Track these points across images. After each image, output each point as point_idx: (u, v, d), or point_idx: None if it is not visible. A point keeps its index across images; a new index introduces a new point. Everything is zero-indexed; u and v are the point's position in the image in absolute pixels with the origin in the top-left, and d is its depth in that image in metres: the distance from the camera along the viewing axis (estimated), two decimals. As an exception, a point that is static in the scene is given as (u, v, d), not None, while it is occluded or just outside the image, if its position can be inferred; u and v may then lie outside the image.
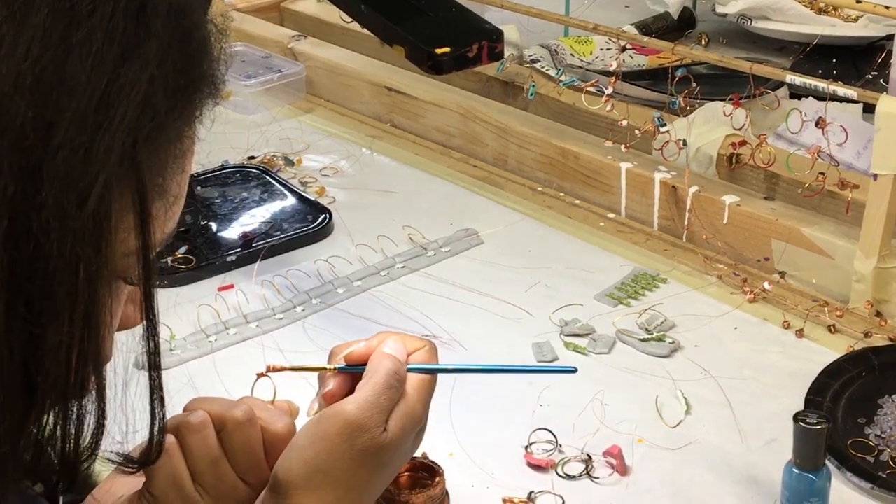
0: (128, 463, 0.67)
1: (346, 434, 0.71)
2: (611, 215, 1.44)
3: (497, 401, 1.10)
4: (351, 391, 0.75)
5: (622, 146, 1.41)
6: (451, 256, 1.36)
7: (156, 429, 0.63)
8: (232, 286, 1.30)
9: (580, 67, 1.70)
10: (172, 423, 0.74)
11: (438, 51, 0.95)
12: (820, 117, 1.22)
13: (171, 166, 0.57)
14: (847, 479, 0.98)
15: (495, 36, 0.98)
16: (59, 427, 0.56)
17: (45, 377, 0.53)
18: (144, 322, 0.60)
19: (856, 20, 1.77)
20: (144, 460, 0.67)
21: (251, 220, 1.44)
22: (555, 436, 1.04)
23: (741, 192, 1.35)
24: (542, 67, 1.66)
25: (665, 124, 1.39)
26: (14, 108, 0.49)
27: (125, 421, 0.61)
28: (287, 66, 1.80)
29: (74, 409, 0.56)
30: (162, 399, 0.62)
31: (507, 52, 1.66)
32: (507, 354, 1.17)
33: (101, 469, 0.78)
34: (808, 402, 1.06)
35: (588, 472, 1.00)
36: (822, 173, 1.25)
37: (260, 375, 0.80)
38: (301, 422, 0.77)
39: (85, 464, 0.58)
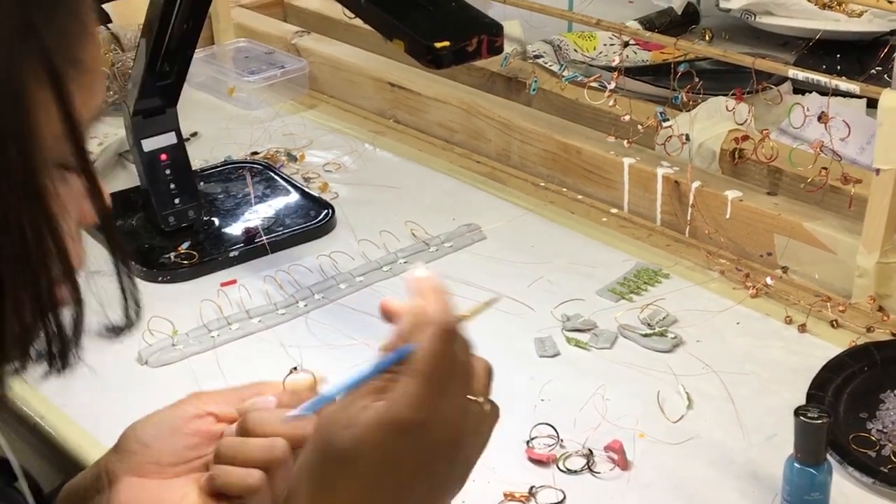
0: (112, 331, 0.66)
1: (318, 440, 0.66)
2: (613, 210, 1.44)
3: (498, 395, 1.09)
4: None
5: (625, 141, 1.41)
6: (453, 252, 1.36)
7: (126, 288, 0.62)
8: (234, 281, 1.30)
9: (583, 63, 1.69)
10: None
11: (438, 45, 0.95)
12: (823, 112, 1.22)
13: (73, 29, 0.55)
14: (849, 473, 0.98)
15: (495, 30, 0.98)
16: (38, 313, 0.55)
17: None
18: (87, 188, 0.57)
19: (860, 15, 1.77)
20: (128, 324, 0.65)
21: (254, 215, 1.44)
22: (556, 430, 1.04)
23: (744, 187, 1.35)
24: (545, 63, 1.66)
25: (668, 119, 1.39)
26: None
27: (100, 294, 0.60)
28: (290, 62, 1.80)
29: (45, 289, 0.55)
30: (125, 259, 0.61)
31: (511, 47, 1.66)
32: (509, 349, 1.17)
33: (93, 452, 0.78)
34: (809, 396, 1.06)
35: (589, 467, 1.00)
36: (825, 168, 1.25)
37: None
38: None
39: (73, 343, 0.57)
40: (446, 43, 0.95)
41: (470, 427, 0.67)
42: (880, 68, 1.56)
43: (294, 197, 1.48)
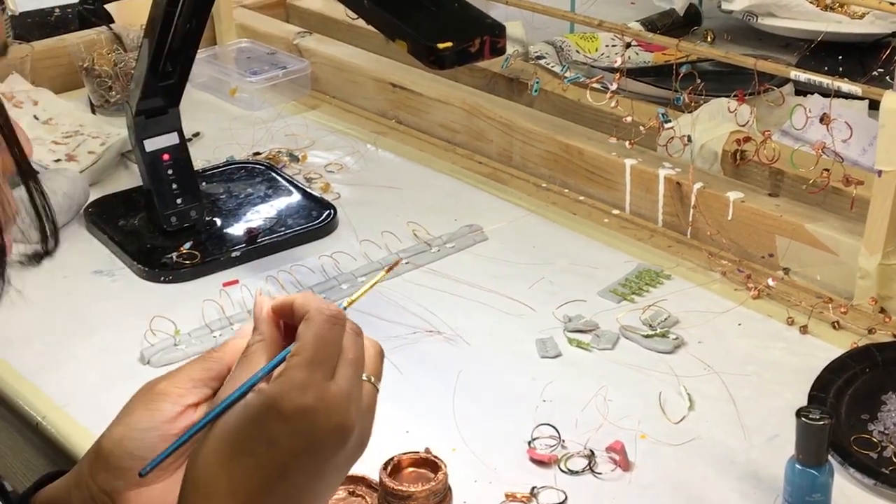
0: (33, 258, 0.65)
1: None
2: (615, 211, 1.44)
3: (500, 396, 1.10)
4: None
5: (627, 143, 1.41)
6: (455, 252, 1.36)
7: (45, 221, 0.62)
8: (236, 281, 1.30)
9: (585, 64, 1.70)
10: None
11: (440, 45, 0.95)
12: (825, 114, 1.22)
13: None
14: (850, 475, 0.98)
15: (497, 30, 0.98)
16: None
17: None
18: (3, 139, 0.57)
19: (862, 17, 1.77)
20: (48, 250, 0.64)
21: (256, 215, 1.44)
22: (558, 431, 1.04)
23: (745, 188, 1.35)
24: (547, 64, 1.66)
25: (670, 121, 1.40)
26: None
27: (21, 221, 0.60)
28: (292, 63, 1.81)
29: None
30: (41, 191, 0.61)
31: (513, 48, 1.66)
32: (511, 350, 1.17)
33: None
34: (811, 398, 1.06)
35: (591, 468, 1.00)
36: (827, 170, 1.25)
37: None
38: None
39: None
40: (449, 44, 0.96)
41: (364, 409, 0.66)
42: (882, 70, 1.56)
43: (296, 197, 1.48)
